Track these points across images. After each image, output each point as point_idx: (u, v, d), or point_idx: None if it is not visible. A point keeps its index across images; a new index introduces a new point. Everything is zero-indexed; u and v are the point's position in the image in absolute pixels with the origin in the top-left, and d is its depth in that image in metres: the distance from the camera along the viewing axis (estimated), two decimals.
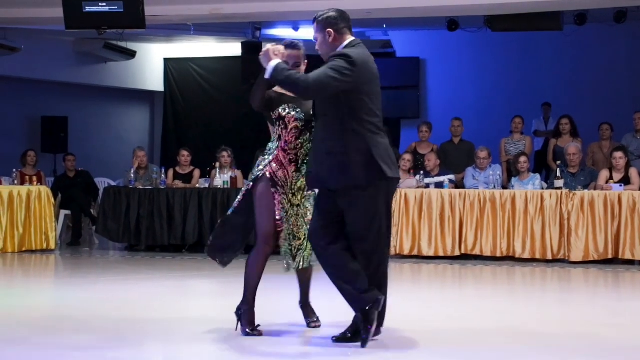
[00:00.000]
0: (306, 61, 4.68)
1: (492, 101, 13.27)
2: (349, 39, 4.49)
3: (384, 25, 13.34)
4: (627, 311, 5.91)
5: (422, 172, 9.63)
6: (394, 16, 11.47)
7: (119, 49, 13.91)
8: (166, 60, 15.88)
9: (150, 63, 15.59)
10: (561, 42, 12.94)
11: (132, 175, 10.18)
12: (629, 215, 8.54)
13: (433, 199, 9.01)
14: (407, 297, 5.34)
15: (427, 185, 9.35)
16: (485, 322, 4.93)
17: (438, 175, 9.68)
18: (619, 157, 9.07)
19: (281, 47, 4.48)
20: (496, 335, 4.72)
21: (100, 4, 9.75)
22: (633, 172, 9.09)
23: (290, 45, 4.62)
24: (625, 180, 9.00)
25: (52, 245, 9.78)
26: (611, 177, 9.06)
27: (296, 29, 13.50)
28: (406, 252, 8.99)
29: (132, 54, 14.32)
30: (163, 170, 10.31)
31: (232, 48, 14.42)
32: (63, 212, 10.79)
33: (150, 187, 9.93)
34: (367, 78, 4.36)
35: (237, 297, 6.43)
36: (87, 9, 9.77)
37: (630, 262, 8.58)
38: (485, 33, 12.16)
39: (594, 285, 7.60)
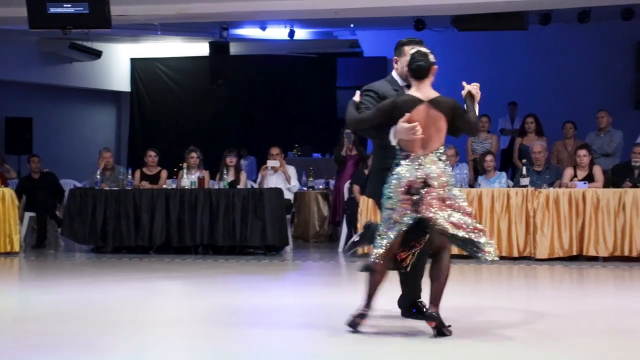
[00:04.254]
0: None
1: (458, 100, 13.35)
2: None
3: (352, 25, 13.38)
4: (591, 307, 5.99)
5: None
6: (361, 16, 11.52)
7: (85, 49, 13.78)
8: (133, 60, 15.78)
9: (116, 63, 15.47)
10: (526, 42, 13.08)
11: (98, 176, 10.09)
12: (593, 213, 8.65)
13: None
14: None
15: None
16: (451, 320, 4.96)
17: None
18: (583, 155, 9.19)
19: None
20: (463, 332, 4.75)
21: (64, 5, 9.63)
22: (597, 169, 9.21)
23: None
24: (589, 178, 9.11)
25: (17, 248, 9.63)
26: (575, 175, 9.17)
27: (263, 28, 13.49)
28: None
29: (97, 54, 14.20)
30: (130, 171, 10.23)
31: (200, 48, 14.38)
32: (27, 214, 10.66)
33: (117, 188, 9.85)
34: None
35: (206, 297, 6.42)
36: (52, 10, 9.65)
37: (594, 259, 8.70)
38: (452, 33, 12.25)
39: (559, 282, 7.69)
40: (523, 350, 4.42)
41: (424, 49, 4.80)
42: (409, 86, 4.91)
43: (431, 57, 4.77)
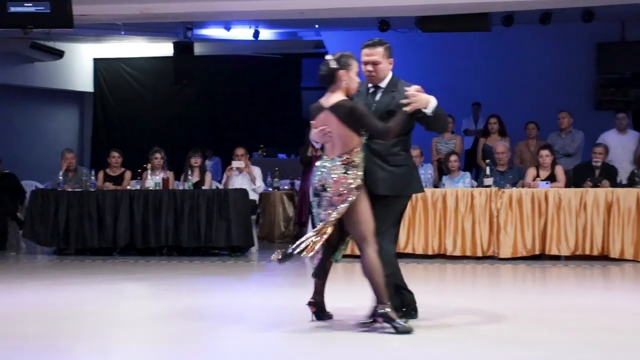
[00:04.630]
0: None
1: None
2: None
3: (316, 26, 13.39)
4: (554, 305, 6.07)
5: None
6: (326, 17, 11.52)
7: (47, 49, 13.61)
8: (96, 61, 15.62)
9: (79, 63, 15.30)
10: (489, 43, 13.21)
11: (61, 177, 9.97)
12: (555, 212, 8.76)
13: None
14: (339, 296, 5.39)
15: None
16: (418, 319, 5.01)
17: None
18: (545, 155, 9.31)
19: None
20: (426, 330, 4.79)
21: (25, 4, 9.49)
22: (559, 170, 9.33)
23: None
24: (552, 178, 9.23)
25: None
26: (538, 175, 9.28)
27: (228, 29, 13.44)
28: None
29: (60, 54, 14.02)
30: (93, 172, 10.13)
31: (164, 48, 14.28)
32: None
33: (80, 190, 9.75)
34: None
35: (171, 299, 6.38)
36: (12, 9, 9.51)
37: (556, 258, 8.81)
38: (416, 34, 12.33)
39: (522, 281, 7.77)
40: (487, 349, 4.46)
41: (329, 56, 4.93)
42: (375, 87, 5.00)
43: (333, 64, 4.86)
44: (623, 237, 8.63)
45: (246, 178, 10.22)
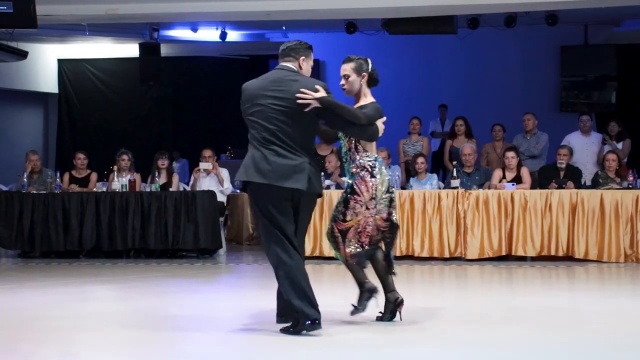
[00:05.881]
0: (364, 74, 5.43)
1: (390, 103, 13.41)
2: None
3: (283, 27, 13.39)
4: (520, 306, 6.13)
5: (322, 173, 9.69)
6: (293, 18, 11.53)
7: (9, 49, 13.40)
8: (60, 61, 15.44)
9: (43, 64, 15.11)
10: (456, 45, 13.32)
11: (25, 179, 9.86)
12: (521, 213, 8.86)
13: (334, 200, 9.08)
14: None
15: (328, 187, 9.44)
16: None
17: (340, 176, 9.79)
18: (511, 157, 9.40)
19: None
20: (394, 332, 4.81)
21: None
22: (524, 171, 9.43)
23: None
24: (517, 180, 9.33)
25: None
26: (504, 177, 9.37)
27: (195, 30, 13.38)
28: (307, 253, 9.02)
29: (23, 55, 13.82)
30: (58, 174, 10.02)
31: (129, 49, 14.16)
32: None
33: (45, 192, 9.63)
34: (245, 101, 5.18)
35: (138, 302, 6.33)
36: None
37: (522, 258, 8.91)
38: (383, 36, 12.39)
39: (489, 282, 7.84)
40: (455, 350, 4.49)
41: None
42: None
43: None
44: (587, 238, 8.75)
45: (214, 180, 10.18)
